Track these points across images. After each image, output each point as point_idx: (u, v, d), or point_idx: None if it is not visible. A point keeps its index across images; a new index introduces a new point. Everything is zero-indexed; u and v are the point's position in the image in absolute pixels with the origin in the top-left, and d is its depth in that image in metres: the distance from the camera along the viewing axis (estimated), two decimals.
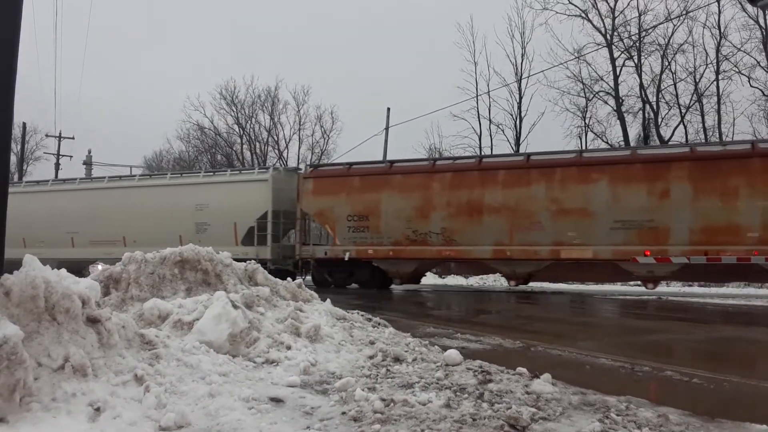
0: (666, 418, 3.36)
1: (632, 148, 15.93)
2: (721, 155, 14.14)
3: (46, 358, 3.30)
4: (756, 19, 25.38)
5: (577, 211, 14.64)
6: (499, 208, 15.51)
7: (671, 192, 13.95)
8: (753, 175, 13.36)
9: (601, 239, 14.40)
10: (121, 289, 5.76)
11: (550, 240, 14.82)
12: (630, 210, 14.12)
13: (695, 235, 13.67)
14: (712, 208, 13.51)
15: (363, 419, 3.30)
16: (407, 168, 17.45)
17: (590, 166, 15.06)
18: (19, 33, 3.78)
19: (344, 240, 17.23)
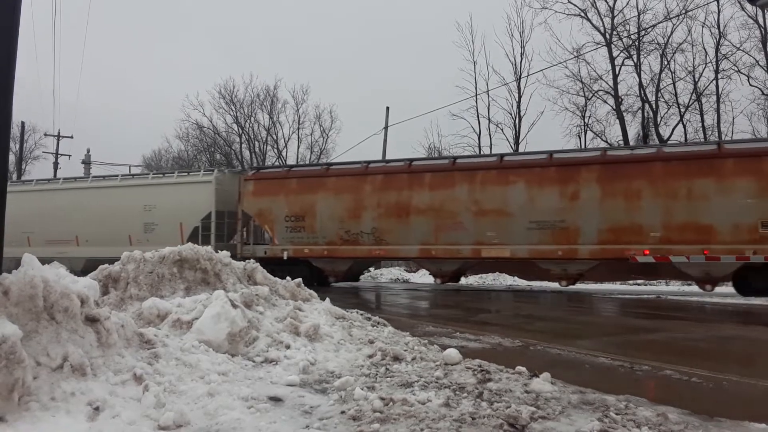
0: (665, 417, 3.36)
1: (549, 152, 16.52)
2: (627, 159, 14.92)
3: (44, 358, 3.30)
4: (755, 18, 25.40)
5: (495, 212, 15.39)
6: (425, 209, 16.16)
7: (581, 194, 14.70)
8: (655, 178, 14.11)
9: (517, 239, 15.14)
10: (119, 289, 5.76)
11: (472, 240, 15.46)
12: (544, 211, 14.85)
13: (603, 235, 14.42)
14: (618, 210, 14.27)
15: (362, 418, 3.30)
16: (341, 171, 18.01)
17: (509, 169, 15.76)
18: (17, 32, 3.77)
19: (282, 240, 17.89)
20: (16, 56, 3.76)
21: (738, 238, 13.54)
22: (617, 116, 28.43)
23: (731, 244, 13.52)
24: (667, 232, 13.88)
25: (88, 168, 37.83)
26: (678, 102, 28.25)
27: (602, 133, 29.99)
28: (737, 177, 13.57)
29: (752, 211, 13.39)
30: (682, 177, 13.99)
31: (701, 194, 13.77)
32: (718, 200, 13.58)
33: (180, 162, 45.08)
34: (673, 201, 13.96)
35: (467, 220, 15.62)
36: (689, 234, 13.71)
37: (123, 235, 18.81)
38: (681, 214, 13.91)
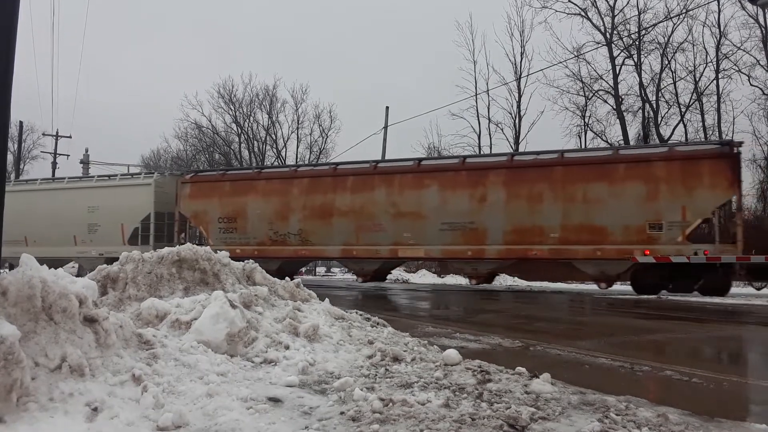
0: (665, 418, 3.35)
1: (462, 157, 17.65)
2: (531, 164, 15.73)
3: (43, 358, 3.28)
4: (756, 17, 25.44)
5: (412, 214, 16.20)
6: (347, 211, 16.97)
7: (489, 197, 15.59)
8: (555, 182, 15.02)
9: (431, 240, 15.96)
10: (118, 289, 5.74)
11: (390, 240, 16.23)
12: (455, 213, 15.72)
13: (508, 236, 15.35)
14: (522, 212, 15.21)
15: (362, 419, 3.29)
16: (271, 174, 19.13)
17: (424, 173, 16.54)
18: (15, 31, 3.76)
19: (216, 240, 18.51)
20: (15, 55, 3.75)
21: (628, 239, 14.37)
22: (617, 116, 28.47)
23: (622, 244, 14.39)
24: (565, 233, 14.73)
25: (87, 168, 37.81)
26: (678, 102, 28.34)
27: (602, 133, 30.06)
28: (628, 181, 14.44)
29: (641, 213, 14.25)
30: (580, 181, 14.83)
31: (596, 197, 14.64)
32: (611, 203, 14.43)
33: (179, 162, 45.10)
34: (571, 204, 14.81)
35: (386, 222, 16.41)
36: (585, 235, 14.61)
37: (69, 236, 19.89)
38: (578, 216, 14.75)
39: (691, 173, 14.18)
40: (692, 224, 14.22)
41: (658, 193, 14.31)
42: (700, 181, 14.09)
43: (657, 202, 14.29)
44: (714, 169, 14.06)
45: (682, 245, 14.22)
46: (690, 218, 14.14)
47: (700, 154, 14.64)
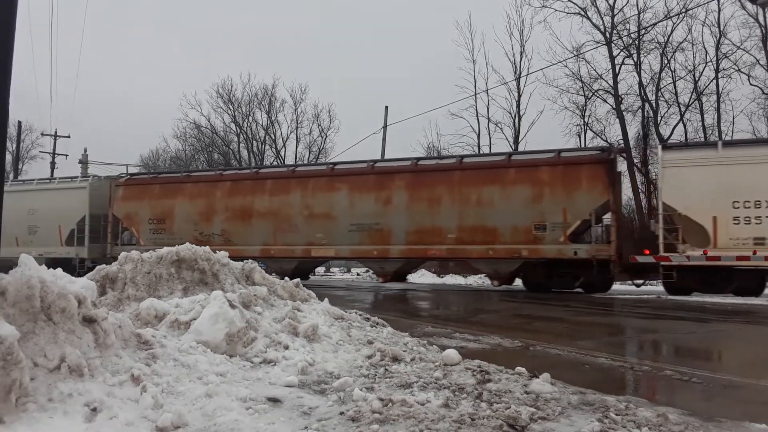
0: (665, 418, 3.35)
1: (372, 161, 18.35)
2: (432, 168, 16.77)
3: (42, 358, 3.28)
4: (756, 16, 25.46)
5: (323, 215, 17.21)
6: (266, 213, 17.98)
7: (393, 199, 16.52)
8: (454, 185, 15.91)
9: (341, 240, 16.93)
10: (117, 289, 5.74)
11: (305, 240, 17.20)
12: (363, 215, 16.71)
13: (410, 236, 16.23)
14: (423, 214, 16.12)
15: (361, 419, 3.29)
16: (197, 177, 20.35)
17: (336, 176, 17.55)
18: (14, 30, 3.75)
19: (147, 240, 19.51)
20: (13, 55, 3.74)
21: (516, 239, 15.34)
22: (617, 115, 28.46)
23: (511, 244, 15.37)
24: (461, 233, 15.64)
25: (86, 167, 37.77)
26: (678, 101, 28.34)
27: (602, 133, 30.06)
28: (517, 185, 15.42)
29: (528, 214, 15.22)
30: (475, 185, 15.77)
31: (489, 200, 15.60)
32: (502, 205, 15.41)
33: (178, 161, 45.08)
34: (466, 206, 15.73)
35: (300, 223, 17.44)
36: (479, 235, 15.54)
37: (11, 237, 20.39)
38: (472, 217, 15.69)
39: (572, 177, 15.10)
40: (572, 225, 15.03)
41: (542, 196, 15.23)
42: (579, 184, 15.00)
43: (542, 204, 15.20)
44: (592, 174, 14.99)
45: (564, 245, 15.10)
46: (570, 219, 15.01)
47: (580, 159, 15.62)
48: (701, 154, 14.83)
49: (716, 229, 14.06)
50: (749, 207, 13.75)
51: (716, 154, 14.53)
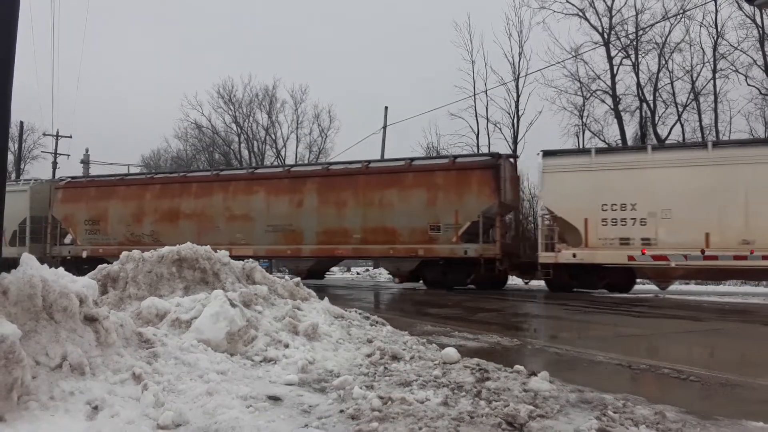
0: (663, 416, 3.37)
1: (288, 166, 20.10)
2: (341, 173, 17.93)
3: (43, 357, 3.30)
4: (753, 17, 25.46)
5: (243, 217, 18.44)
6: (191, 214, 19.25)
7: (305, 202, 17.73)
8: (358, 189, 17.14)
9: (259, 240, 18.05)
10: (118, 288, 5.75)
11: (226, 241, 17.94)
12: (278, 216, 17.94)
13: (320, 237, 17.43)
14: (331, 215, 17.33)
15: (361, 417, 3.31)
16: (129, 180, 21.43)
17: (254, 180, 18.81)
18: (16, 30, 3.77)
19: (83, 241, 20.74)
20: (15, 55, 3.76)
21: (414, 239, 16.49)
22: (615, 116, 28.51)
23: (409, 244, 16.49)
24: (365, 234, 16.78)
25: (87, 168, 37.78)
26: (676, 102, 28.36)
27: (600, 133, 30.10)
28: (415, 189, 16.60)
29: (424, 216, 16.36)
30: (378, 188, 16.95)
31: (389, 203, 16.76)
32: (401, 208, 16.56)
33: (179, 162, 45.09)
34: (370, 208, 16.92)
35: (222, 224, 18.66)
36: (381, 235, 16.64)
37: None
38: (375, 219, 16.87)
39: (463, 182, 16.30)
40: (463, 226, 16.16)
41: (437, 199, 16.44)
42: (470, 188, 16.21)
43: (436, 207, 16.40)
44: (481, 179, 16.17)
45: (456, 245, 16.26)
46: (461, 221, 16.15)
47: (471, 165, 16.77)
48: (576, 161, 15.93)
49: (587, 230, 15.19)
50: (616, 209, 14.92)
51: (590, 160, 15.64)
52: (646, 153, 15.39)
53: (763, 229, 13.71)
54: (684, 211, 14.33)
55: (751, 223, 13.84)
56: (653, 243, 14.62)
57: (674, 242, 14.40)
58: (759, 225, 13.75)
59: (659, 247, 14.52)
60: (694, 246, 14.19)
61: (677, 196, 14.39)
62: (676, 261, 14.25)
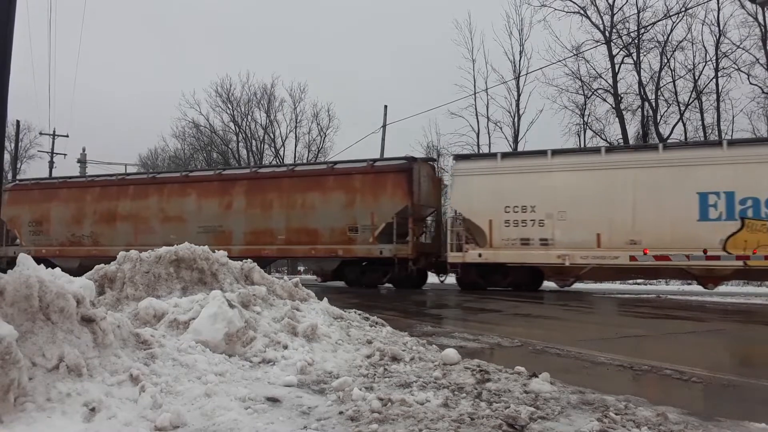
0: (665, 417, 3.35)
1: (220, 170, 20.85)
2: (267, 176, 18.89)
3: (40, 358, 3.27)
4: (755, 16, 25.48)
5: (176, 218, 19.29)
6: (128, 216, 19.99)
7: (233, 204, 18.56)
8: (283, 191, 17.92)
9: (191, 241, 17.80)
10: (116, 289, 5.73)
11: (160, 241, 18.21)
12: (208, 218, 18.79)
13: (247, 237, 18.11)
14: (257, 217, 18.09)
15: (360, 419, 3.28)
16: (70, 183, 22.14)
17: (187, 183, 19.70)
18: (13, 29, 3.74)
19: (27, 241, 21.42)
20: (11, 54, 3.73)
21: (334, 240, 17.18)
22: (617, 115, 28.51)
23: (330, 244, 17.18)
24: (289, 235, 17.50)
25: (84, 167, 37.74)
26: (678, 100, 28.39)
27: (601, 132, 30.12)
28: (335, 191, 17.34)
29: (343, 218, 17.10)
30: (301, 191, 17.74)
31: (311, 205, 17.53)
32: (322, 209, 17.31)
33: (176, 161, 45.04)
34: (293, 210, 17.71)
35: (157, 225, 19.42)
36: (303, 236, 17.37)
37: None
38: (298, 220, 17.65)
39: (379, 185, 17.09)
40: (379, 227, 16.87)
41: (355, 201, 17.22)
42: (385, 191, 16.98)
43: (354, 208, 17.16)
44: (395, 182, 16.91)
45: (372, 245, 16.91)
46: (377, 222, 16.89)
47: (387, 168, 17.52)
48: (483, 165, 16.66)
49: (492, 231, 15.90)
50: (517, 211, 15.69)
51: (495, 164, 16.40)
52: (547, 157, 15.98)
53: (648, 229, 14.40)
54: (578, 213, 15.05)
55: (638, 224, 14.55)
56: (550, 243, 15.41)
57: (569, 242, 15.16)
58: (644, 226, 14.45)
59: (557, 247, 15.34)
60: (586, 246, 14.96)
61: (572, 199, 15.11)
62: (678, 260, 14.26)
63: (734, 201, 13.83)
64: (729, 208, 13.86)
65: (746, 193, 13.74)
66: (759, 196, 13.66)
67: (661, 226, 14.23)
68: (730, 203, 13.85)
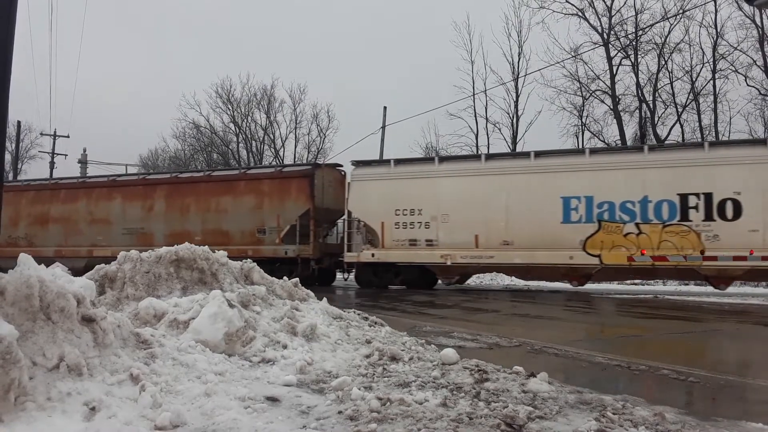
0: (662, 417, 3.36)
1: (144, 174, 22.71)
2: (186, 180, 20.13)
3: (41, 358, 3.28)
4: (752, 18, 25.47)
5: (103, 221, 20.27)
6: (59, 218, 20.92)
7: (155, 207, 19.65)
8: (200, 195, 19.12)
9: (116, 242, 19.49)
10: (116, 288, 5.74)
11: (89, 242, 20.10)
12: (132, 220, 19.84)
13: (167, 239, 18.05)
14: (176, 219, 19.23)
15: (359, 418, 3.29)
16: (8, 187, 22.05)
17: (114, 187, 20.82)
18: (13, 32, 3.75)
19: None
20: (12, 54, 3.74)
21: (244, 241, 18.00)
22: (614, 116, 28.50)
23: (240, 245, 17.71)
24: (204, 236, 17.98)
25: (85, 167, 37.73)
26: (675, 102, 28.34)
27: (599, 133, 30.10)
28: (246, 195, 18.50)
29: (253, 220, 18.18)
30: (216, 195, 18.89)
31: (224, 208, 18.67)
32: (234, 212, 18.43)
33: (177, 161, 44.99)
34: (208, 213, 18.86)
35: (85, 228, 20.40)
36: (218, 238, 17.87)
37: None
38: (213, 222, 18.73)
39: (285, 189, 18.20)
40: (284, 229, 17.91)
41: (263, 204, 18.28)
42: (289, 195, 18.07)
43: (263, 211, 18.23)
44: (299, 186, 18.01)
45: (278, 246, 17.85)
46: (282, 224, 17.92)
47: (291, 174, 18.78)
48: (378, 170, 17.53)
49: (384, 232, 16.77)
50: (406, 214, 16.57)
51: (389, 170, 17.24)
52: (434, 164, 17.09)
53: (519, 231, 15.38)
54: (459, 216, 15.96)
55: (510, 226, 15.49)
56: (435, 244, 16.32)
57: (451, 243, 16.08)
58: (516, 227, 15.41)
59: (441, 247, 16.25)
60: (466, 246, 15.93)
61: (455, 202, 16.03)
62: (676, 261, 14.39)
63: (593, 205, 14.77)
64: (588, 212, 14.82)
65: (603, 197, 14.70)
66: (614, 200, 14.59)
67: (530, 227, 15.18)
68: (589, 207, 14.80)
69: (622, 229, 14.48)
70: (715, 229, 13.71)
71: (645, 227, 14.32)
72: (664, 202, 14.18)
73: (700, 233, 13.83)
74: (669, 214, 14.15)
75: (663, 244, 14.08)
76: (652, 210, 14.28)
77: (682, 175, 14.11)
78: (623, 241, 14.45)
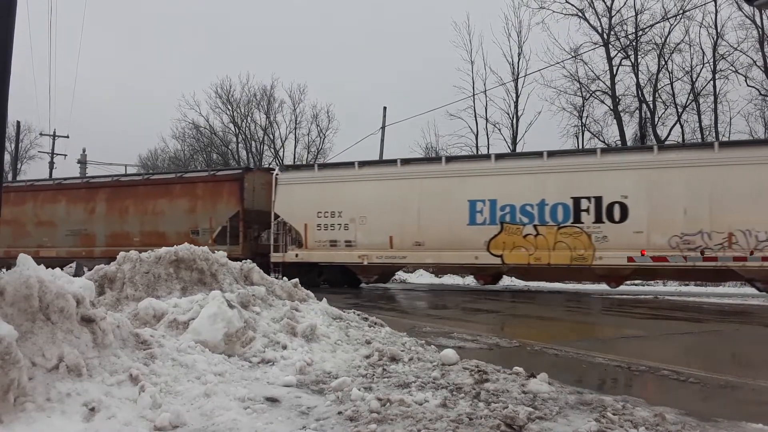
0: (662, 418, 3.36)
1: (88, 178, 22.99)
2: (125, 183, 21.14)
3: (40, 358, 3.28)
4: (752, 18, 25.44)
5: (48, 223, 21.20)
6: (9, 220, 21.18)
7: (96, 209, 20.49)
8: (138, 198, 19.98)
9: (61, 243, 20.70)
10: (115, 289, 5.73)
11: (36, 243, 20.63)
12: (75, 222, 20.62)
13: (108, 240, 19.92)
14: (116, 221, 20.03)
15: (359, 419, 3.29)
16: None
17: (59, 190, 21.73)
18: (13, 31, 3.75)
19: None
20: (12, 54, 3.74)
21: (179, 242, 17.77)
22: (614, 116, 28.47)
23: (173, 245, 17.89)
24: (142, 237, 18.96)
25: (84, 168, 37.70)
26: (675, 102, 28.31)
27: (599, 134, 30.04)
28: (181, 198, 19.37)
29: (187, 222, 19.02)
30: (153, 198, 19.70)
31: (161, 210, 19.46)
32: (170, 214, 19.23)
33: (176, 162, 44.96)
34: (146, 215, 19.63)
35: (32, 229, 21.27)
36: (154, 239, 18.23)
37: None
38: (150, 224, 19.45)
39: (217, 192, 18.99)
40: (216, 230, 18.68)
41: (197, 207, 19.06)
42: (221, 198, 18.85)
43: (197, 213, 19.01)
44: (230, 189, 18.77)
45: (211, 246, 18.03)
46: (215, 226, 18.67)
47: (223, 177, 19.54)
48: (302, 174, 18.46)
49: (307, 234, 17.47)
50: (327, 216, 17.26)
51: (313, 174, 18.14)
52: (354, 168, 17.51)
53: (429, 232, 15.96)
54: (376, 218, 16.63)
55: (422, 228, 16.06)
56: (353, 244, 17.01)
57: (368, 244, 16.75)
58: (427, 229, 15.98)
59: (359, 248, 16.91)
60: (382, 247, 16.65)
61: (372, 205, 16.70)
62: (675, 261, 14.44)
63: (496, 208, 15.41)
64: (492, 214, 15.45)
65: (506, 200, 15.32)
66: (515, 204, 15.22)
67: (440, 229, 15.79)
68: (493, 210, 15.44)
69: (522, 230, 15.11)
70: (604, 230, 14.28)
71: (542, 229, 14.94)
72: (560, 205, 14.78)
73: (590, 234, 14.41)
74: (563, 217, 14.75)
75: (558, 244, 14.73)
76: (549, 212, 14.89)
77: (576, 179, 14.79)
78: (523, 242, 15.06)
